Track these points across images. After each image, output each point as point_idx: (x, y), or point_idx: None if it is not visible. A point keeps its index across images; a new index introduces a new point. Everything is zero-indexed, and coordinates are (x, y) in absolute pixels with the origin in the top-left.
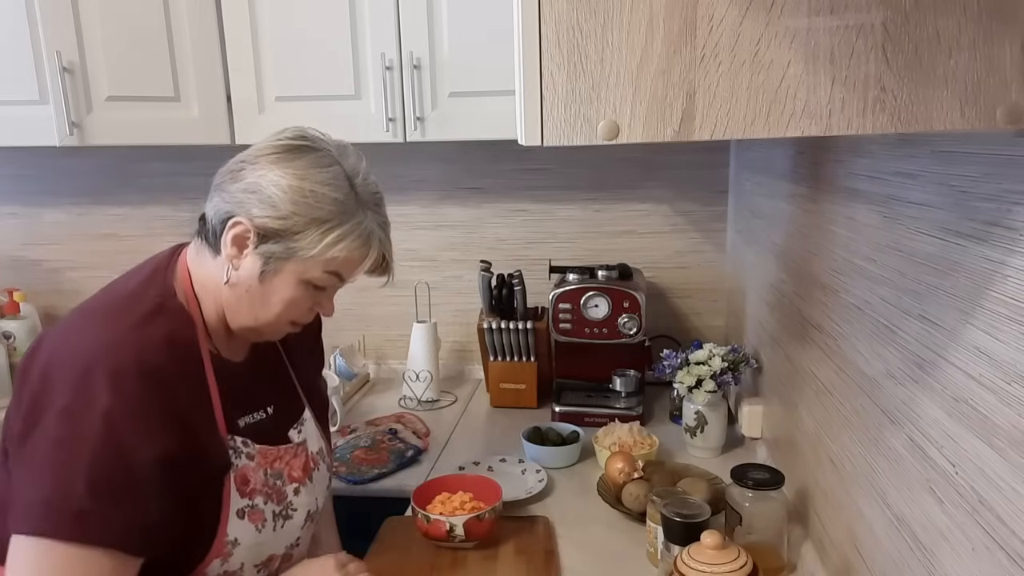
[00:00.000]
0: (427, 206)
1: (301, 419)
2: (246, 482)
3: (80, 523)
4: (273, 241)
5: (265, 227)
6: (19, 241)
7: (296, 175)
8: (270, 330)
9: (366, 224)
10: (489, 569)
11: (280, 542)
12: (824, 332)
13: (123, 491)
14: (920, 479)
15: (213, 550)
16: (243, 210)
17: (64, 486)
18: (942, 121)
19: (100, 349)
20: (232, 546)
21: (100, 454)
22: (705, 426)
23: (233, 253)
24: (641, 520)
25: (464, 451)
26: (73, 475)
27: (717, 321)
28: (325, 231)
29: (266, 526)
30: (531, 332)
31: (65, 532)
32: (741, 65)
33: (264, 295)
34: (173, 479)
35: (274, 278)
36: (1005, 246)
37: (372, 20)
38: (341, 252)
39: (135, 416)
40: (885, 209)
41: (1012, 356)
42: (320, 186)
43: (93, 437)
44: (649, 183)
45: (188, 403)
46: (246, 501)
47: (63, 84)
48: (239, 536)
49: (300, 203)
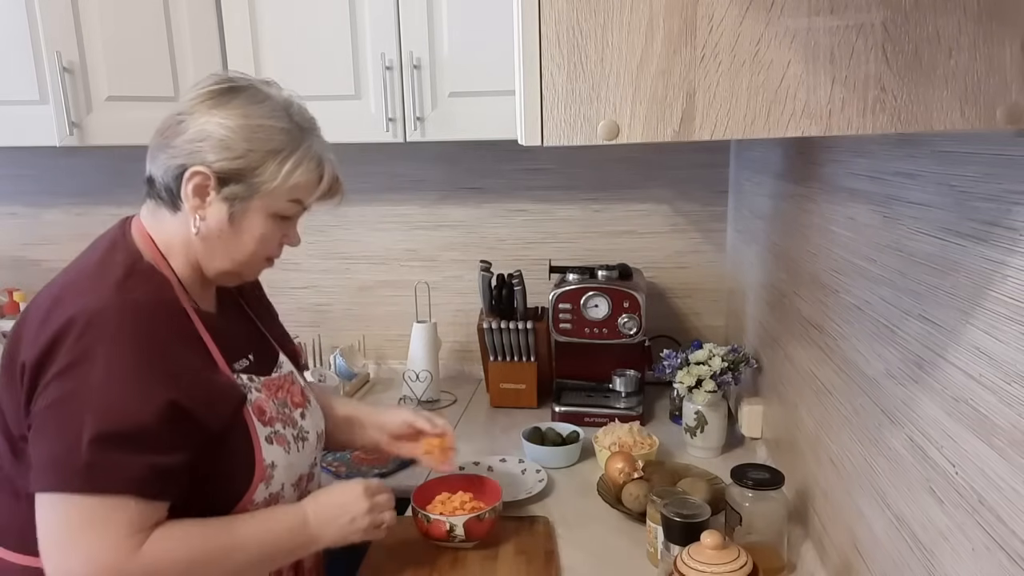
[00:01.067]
0: (427, 206)
1: (279, 363)
2: (263, 412)
3: (90, 474)
4: (234, 183)
5: (224, 170)
6: (19, 241)
7: (240, 114)
8: (248, 270)
9: (315, 147)
10: (489, 569)
11: (304, 462)
12: (824, 332)
13: (129, 440)
14: (920, 479)
15: (256, 475)
16: (197, 159)
17: (71, 441)
18: (942, 121)
19: (87, 311)
20: (271, 469)
21: (101, 406)
22: (705, 426)
23: (196, 204)
24: (641, 520)
25: (464, 451)
26: (77, 429)
27: (717, 321)
28: (281, 161)
29: (291, 448)
30: (531, 332)
31: (77, 484)
32: (741, 65)
33: (236, 236)
34: (183, 423)
35: (243, 218)
36: (1005, 246)
37: (372, 20)
38: (301, 177)
39: (131, 367)
40: (885, 209)
41: (1012, 356)
42: (265, 119)
43: (92, 390)
44: (649, 183)
45: (182, 352)
46: (269, 428)
47: (63, 84)
48: (274, 459)
49: (252, 139)
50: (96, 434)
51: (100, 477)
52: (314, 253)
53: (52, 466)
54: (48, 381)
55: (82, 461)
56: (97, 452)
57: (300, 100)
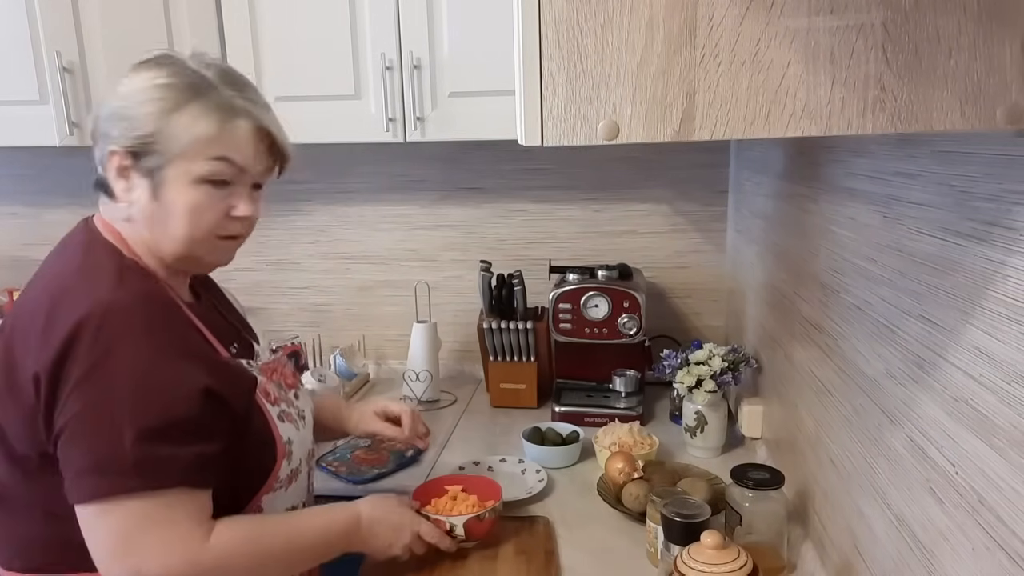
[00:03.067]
0: (427, 206)
1: (256, 353)
2: (267, 393)
3: (142, 472)
4: (146, 155)
5: (131, 144)
6: (19, 241)
7: (133, 82)
8: (204, 251)
9: (224, 98)
10: (489, 569)
11: (309, 438)
12: (824, 332)
13: (174, 431)
14: (920, 479)
15: (279, 452)
16: (109, 141)
17: (113, 443)
18: (942, 121)
19: (95, 311)
20: (290, 445)
21: (137, 402)
22: (705, 426)
23: (122, 187)
24: (641, 520)
25: (464, 451)
26: (118, 430)
27: (717, 321)
28: (179, 116)
29: (299, 425)
30: (531, 332)
31: (131, 484)
32: (741, 65)
33: (166, 212)
34: (218, 408)
35: (166, 191)
36: (1005, 246)
37: (372, 20)
38: (205, 129)
39: (157, 358)
40: (885, 209)
41: (1012, 356)
42: (158, 79)
43: (124, 388)
44: (649, 183)
45: (193, 341)
46: (277, 408)
47: (63, 84)
48: (289, 436)
49: (146, 102)
50: (139, 431)
51: (153, 473)
52: (314, 253)
53: (97, 472)
54: (71, 388)
55: (130, 461)
56: (144, 448)
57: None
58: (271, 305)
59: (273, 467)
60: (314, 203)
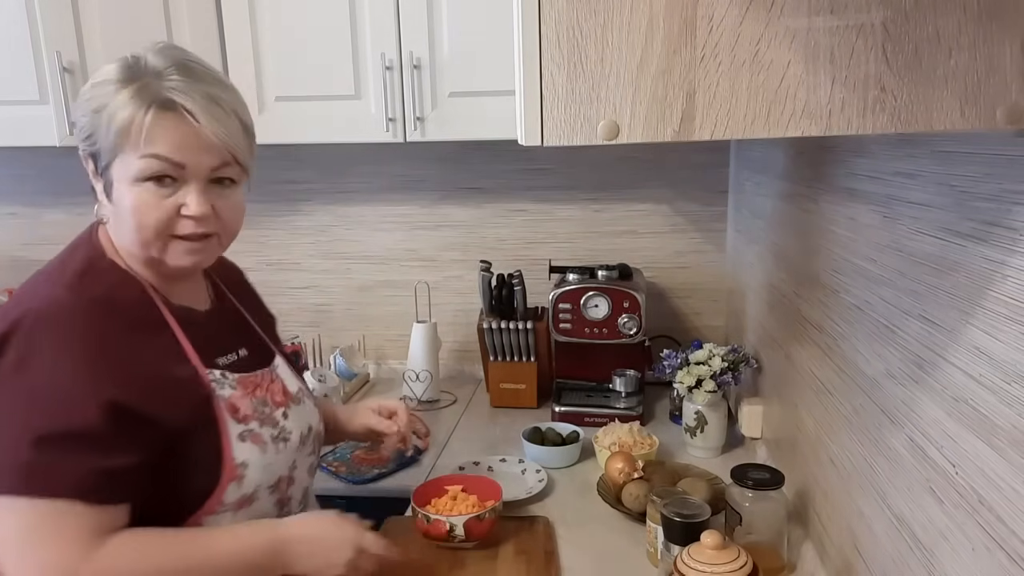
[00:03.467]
0: (427, 206)
1: (273, 364)
2: (236, 410)
3: (29, 476)
4: (96, 156)
5: (86, 148)
6: (19, 241)
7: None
8: (158, 251)
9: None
10: (489, 569)
11: (283, 463)
12: (824, 332)
13: (70, 441)
14: (920, 479)
15: (225, 473)
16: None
17: (11, 441)
18: (942, 121)
19: (36, 310)
20: (243, 468)
21: (42, 405)
22: (705, 426)
23: (97, 190)
24: (641, 520)
25: (464, 451)
26: (19, 429)
27: (717, 321)
28: (104, 112)
29: (268, 448)
30: (531, 332)
31: (18, 486)
32: (741, 65)
33: (119, 214)
34: (131, 423)
35: (115, 192)
36: (1005, 246)
37: (372, 20)
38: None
39: (76, 366)
40: (885, 209)
41: (1012, 356)
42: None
43: (35, 389)
44: (649, 183)
45: (141, 348)
46: (243, 426)
47: (63, 84)
48: (246, 458)
49: (83, 104)
50: (37, 435)
51: (39, 480)
52: (314, 253)
53: None
54: None
55: (22, 462)
56: (37, 453)
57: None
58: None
59: (215, 488)
60: (314, 203)
